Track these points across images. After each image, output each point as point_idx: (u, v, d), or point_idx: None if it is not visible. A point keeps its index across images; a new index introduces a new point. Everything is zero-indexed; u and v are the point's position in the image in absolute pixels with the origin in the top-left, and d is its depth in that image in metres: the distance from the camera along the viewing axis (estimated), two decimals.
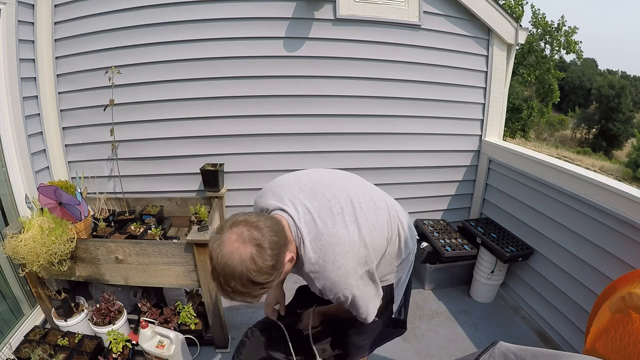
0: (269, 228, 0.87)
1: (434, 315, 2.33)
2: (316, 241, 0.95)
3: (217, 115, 2.30)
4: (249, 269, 0.82)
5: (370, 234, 1.03)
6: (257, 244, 0.83)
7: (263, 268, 0.83)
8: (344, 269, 0.95)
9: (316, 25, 2.22)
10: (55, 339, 1.78)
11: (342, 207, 1.02)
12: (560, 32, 18.33)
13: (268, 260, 0.84)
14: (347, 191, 1.07)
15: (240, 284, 0.83)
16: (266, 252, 0.84)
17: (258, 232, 0.85)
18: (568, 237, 1.97)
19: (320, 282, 0.97)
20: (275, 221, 0.92)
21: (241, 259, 0.82)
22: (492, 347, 0.70)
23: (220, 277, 0.84)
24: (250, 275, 0.82)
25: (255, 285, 0.85)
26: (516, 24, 2.44)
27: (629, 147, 25.68)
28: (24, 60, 1.97)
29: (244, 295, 0.86)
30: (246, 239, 0.83)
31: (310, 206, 0.99)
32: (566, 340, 2.00)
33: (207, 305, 1.86)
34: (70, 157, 2.37)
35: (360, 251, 0.99)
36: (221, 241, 0.84)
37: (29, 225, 1.65)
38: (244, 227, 0.85)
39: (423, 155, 2.61)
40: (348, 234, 0.97)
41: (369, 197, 1.12)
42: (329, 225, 0.96)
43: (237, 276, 0.82)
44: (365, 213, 1.04)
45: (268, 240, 0.85)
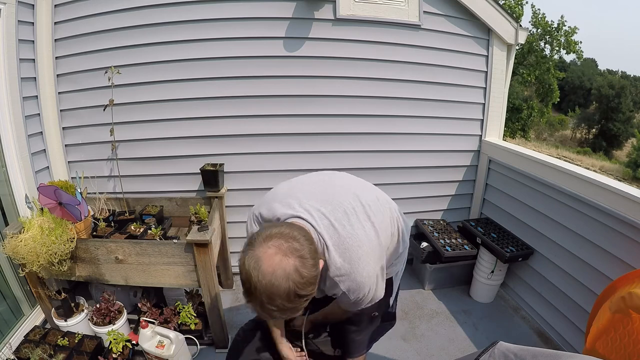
0: (304, 237, 0.85)
1: (434, 315, 2.33)
2: (339, 245, 0.95)
3: (217, 115, 2.30)
4: (296, 283, 0.78)
5: (382, 231, 1.06)
6: (299, 255, 0.80)
7: (309, 279, 0.80)
8: (368, 268, 0.97)
9: (316, 25, 2.22)
10: (55, 339, 1.78)
11: (354, 207, 1.03)
12: (560, 32, 18.32)
13: (312, 270, 0.81)
14: (353, 191, 1.09)
15: (287, 300, 0.78)
16: (309, 262, 0.80)
17: (297, 243, 0.81)
18: (568, 237, 1.97)
19: (346, 285, 0.97)
20: (304, 230, 0.90)
21: (285, 274, 0.77)
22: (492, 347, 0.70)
23: (263, 296, 0.78)
24: (297, 289, 0.78)
25: (301, 298, 0.81)
26: (516, 24, 2.44)
27: (629, 147, 25.67)
28: (24, 60, 1.97)
29: (288, 312, 0.82)
30: (286, 251, 0.79)
31: (325, 210, 0.99)
32: (566, 340, 2.00)
33: (207, 305, 1.86)
34: (70, 157, 2.37)
35: (377, 249, 1.02)
36: (258, 258, 0.78)
37: (29, 225, 1.65)
38: (280, 239, 0.81)
39: (423, 155, 2.61)
40: (366, 234, 1.00)
41: (374, 196, 1.14)
42: (348, 228, 0.97)
43: (283, 293, 0.77)
44: (374, 211, 1.07)
45: (307, 249, 0.82)
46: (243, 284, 0.81)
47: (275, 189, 1.12)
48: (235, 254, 2.56)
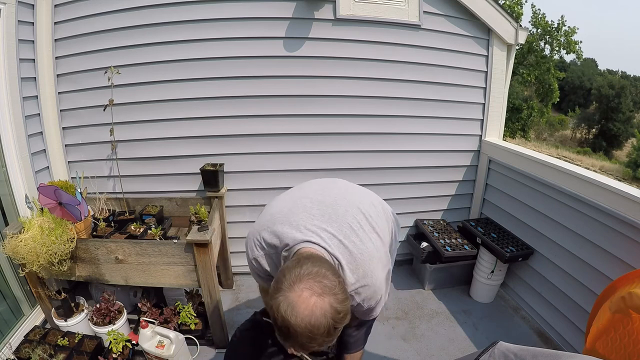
0: (332, 272, 0.85)
1: (434, 315, 2.33)
2: (352, 263, 0.99)
3: (217, 115, 2.30)
4: (334, 319, 0.79)
5: (384, 236, 1.11)
6: (333, 292, 0.81)
7: (345, 312, 0.82)
8: (380, 278, 1.03)
9: (316, 25, 2.22)
10: (55, 339, 1.78)
11: (359, 220, 1.06)
12: (560, 32, 18.32)
13: (346, 303, 0.83)
14: (352, 202, 1.11)
15: (327, 335, 0.80)
16: (341, 296, 0.82)
17: (327, 280, 0.82)
18: (568, 237, 1.97)
19: (361, 297, 1.02)
20: (327, 262, 0.91)
21: (323, 313, 0.78)
22: (492, 347, 0.70)
23: (304, 339, 0.79)
24: (335, 324, 0.80)
25: (338, 329, 0.83)
26: (516, 24, 2.44)
27: (629, 147, 25.67)
28: (24, 60, 1.97)
29: (327, 343, 0.83)
30: (320, 292, 0.80)
31: (332, 229, 1.01)
32: (566, 340, 2.00)
33: (207, 305, 1.86)
34: (70, 157, 2.37)
35: (384, 257, 1.07)
36: (293, 303, 0.78)
37: (29, 225, 1.65)
38: (310, 280, 0.81)
39: (423, 155, 2.61)
40: (374, 246, 1.05)
41: (369, 202, 1.17)
42: (358, 244, 1.01)
43: (324, 331, 0.79)
44: (376, 220, 1.11)
45: (337, 282, 0.83)
46: (279, 329, 0.82)
47: (272, 209, 1.11)
48: (235, 254, 2.56)
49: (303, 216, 1.03)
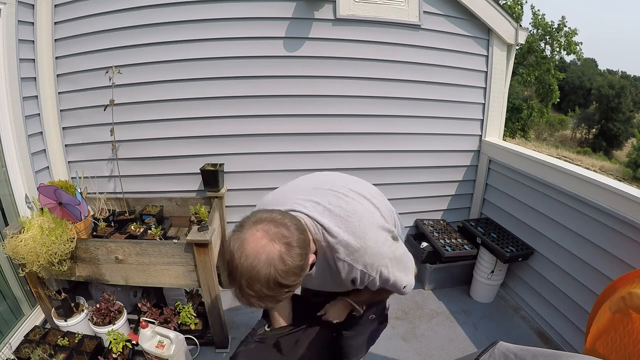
0: (296, 226, 0.81)
1: (434, 315, 2.33)
2: (341, 224, 0.92)
3: (217, 115, 2.30)
4: (278, 270, 0.74)
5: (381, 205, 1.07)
6: (286, 242, 0.76)
7: (292, 268, 0.76)
8: (374, 239, 0.94)
9: (316, 25, 2.22)
10: (55, 339, 1.78)
11: (345, 192, 1.03)
12: (561, 33, 18.33)
13: (297, 260, 0.77)
14: (343, 183, 1.10)
15: (266, 286, 0.75)
16: (295, 251, 0.77)
17: (286, 230, 0.78)
18: (568, 237, 1.97)
19: (361, 262, 0.93)
20: (297, 219, 0.86)
21: (268, 258, 0.74)
22: (492, 347, 0.70)
23: (243, 279, 0.75)
24: (278, 277, 0.75)
25: (282, 288, 0.77)
26: (516, 24, 2.44)
27: (629, 147, 25.68)
28: (24, 60, 1.97)
29: (266, 300, 0.78)
30: (273, 236, 0.76)
31: (316, 199, 0.98)
32: (566, 340, 2.00)
33: (207, 305, 1.86)
34: (70, 157, 2.37)
35: (380, 219, 1.01)
36: (243, 240, 0.76)
37: (29, 225, 1.65)
38: (269, 224, 0.78)
39: (423, 155, 2.61)
40: (363, 207, 1.00)
41: (364, 185, 1.16)
42: (344, 206, 0.96)
43: (263, 278, 0.74)
44: (366, 191, 1.09)
45: (296, 238, 0.78)
46: (227, 266, 0.78)
47: (270, 196, 1.11)
48: None
49: (290, 195, 1.03)
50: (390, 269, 0.97)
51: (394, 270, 0.98)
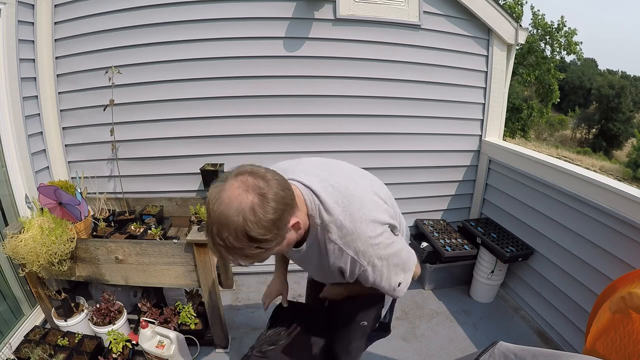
0: (277, 181, 0.79)
1: (434, 315, 2.33)
2: (340, 202, 0.89)
3: (217, 115, 2.30)
4: (247, 220, 0.73)
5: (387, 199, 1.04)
6: (261, 193, 0.74)
7: (262, 221, 0.74)
8: (372, 227, 0.90)
9: (316, 25, 2.22)
10: (55, 339, 1.78)
11: (355, 178, 1.02)
12: (561, 33, 18.34)
13: (270, 213, 0.74)
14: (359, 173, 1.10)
15: (234, 236, 0.74)
16: (269, 204, 0.74)
17: (264, 182, 0.76)
18: (568, 237, 1.97)
19: (352, 247, 0.89)
20: (284, 179, 0.83)
21: (240, 207, 0.73)
22: (492, 347, 0.70)
23: (214, 227, 0.75)
24: (246, 227, 0.73)
25: (251, 242, 0.75)
26: (516, 24, 2.44)
27: (629, 147, 25.68)
28: (24, 60, 1.97)
29: (236, 253, 0.77)
30: (249, 186, 0.75)
31: (323, 174, 0.95)
32: (566, 340, 2.00)
33: (207, 305, 1.86)
34: (70, 157, 2.37)
35: (382, 205, 0.97)
36: (221, 188, 0.75)
37: (29, 225, 1.65)
38: (249, 175, 0.77)
39: (423, 155, 2.61)
40: (369, 197, 0.96)
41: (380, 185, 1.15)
42: (349, 187, 0.93)
43: (232, 226, 0.73)
44: (377, 186, 1.07)
45: (273, 191, 0.76)
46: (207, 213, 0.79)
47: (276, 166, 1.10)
48: None
49: (295, 166, 1.02)
50: (384, 262, 0.92)
51: (389, 264, 0.94)
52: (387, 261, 0.93)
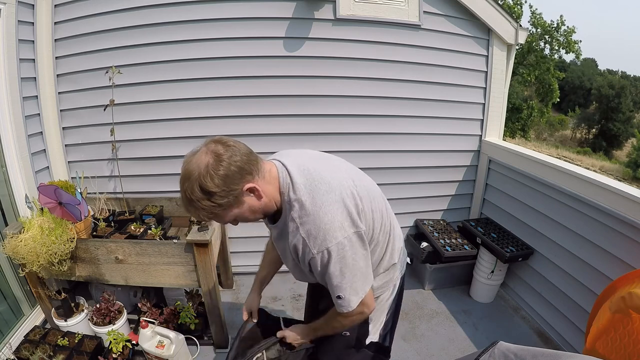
0: (237, 149, 0.91)
1: (434, 315, 2.33)
2: (307, 185, 0.95)
3: (217, 115, 2.30)
4: (200, 174, 0.86)
5: (366, 197, 1.01)
6: (217, 154, 0.88)
7: (213, 176, 0.86)
8: (331, 216, 0.91)
9: (316, 25, 2.22)
10: (55, 339, 1.78)
11: (341, 167, 1.05)
12: (560, 32, 18.34)
13: (219, 170, 0.87)
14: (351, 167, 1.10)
15: (191, 188, 0.87)
16: (220, 164, 0.87)
17: (224, 148, 0.89)
18: (568, 237, 1.97)
19: (305, 228, 0.93)
20: (248, 151, 0.95)
21: (198, 164, 0.87)
22: (492, 347, 0.70)
23: (180, 180, 0.91)
24: (200, 180, 0.86)
25: (203, 194, 0.87)
26: (516, 24, 2.44)
27: (629, 147, 25.68)
28: (24, 60, 1.97)
29: (193, 205, 0.89)
30: (210, 150, 0.89)
31: (309, 163, 1.01)
32: (566, 340, 2.00)
33: (207, 305, 1.86)
34: (70, 157, 2.37)
35: (351, 208, 0.95)
36: (194, 152, 0.91)
37: (29, 225, 1.65)
38: (215, 143, 0.91)
39: (423, 155, 2.61)
40: (341, 185, 0.97)
41: (370, 181, 1.14)
42: (325, 173, 0.97)
43: (191, 178, 0.87)
44: (366, 184, 1.06)
45: (228, 155, 0.89)
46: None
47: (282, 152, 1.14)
48: (235, 254, 2.56)
49: (289, 150, 1.10)
50: (333, 255, 0.92)
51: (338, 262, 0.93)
52: (337, 262, 0.93)
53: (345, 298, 0.97)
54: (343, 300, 0.98)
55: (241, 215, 0.97)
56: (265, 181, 0.96)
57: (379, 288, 1.19)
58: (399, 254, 1.21)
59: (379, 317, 1.25)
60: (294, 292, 2.48)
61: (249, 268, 2.63)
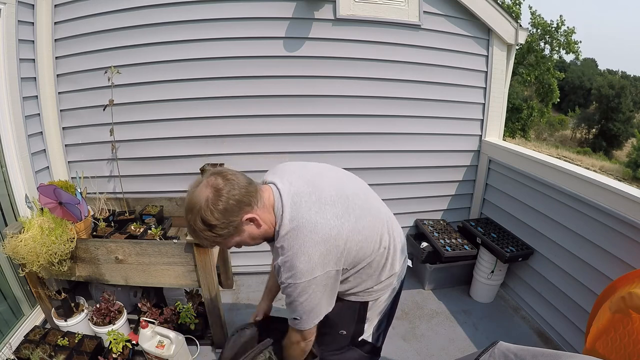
0: (236, 182, 0.96)
1: (434, 315, 2.33)
2: (294, 221, 0.97)
3: (217, 115, 2.30)
4: (201, 207, 0.93)
5: (353, 236, 1.01)
6: (217, 189, 0.93)
7: (213, 210, 0.92)
8: (307, 256, 0.95)
9: (316, 25, 2.22)
10: (55, 339, 1.78)
11: (334, 200, 1.02)
12: (560, 32, 18.35)
13: (219, 205, 0.92)
14: (345, 189, 1.07)
15: (194, 220, 0.95)
16: (220, 199, 0.92)
17: (224, 182, 0.95)
18: (568, 237, 1.97)
19: (283, 259, 0.98)
20: (247, 182, 0.99)
21: (199, 198, 0.94)
22: (492, 347, 0.70)
23: (185, 211, 0.98)
24: (201, 213, 0.93)
25: (205, 226, 0.94)
26: (516, 24, 2.44)
27: (629, 147, 25.68)
28: (24, 60, 1.97)
29: (196, 234, 0.98)
30: (210, 184, 0.95)
31: (303, 190, 1.02)
32: (566, 340, 2.00)
33: (207, 305, 1.86)
34: (70, 157, 2.37)
35: (332, 249, 0.97)
36: (197, 183, 0.98)
37: (29, 225, 1.65)
38: (215, 176, 0.97)
39: (423, 155, 2.61)
40: (327, 226, 0.97)
41: (367, 202, 1.11)
42: (312, 212, 0.98)
43: (193, 211, 0.94)
44: (357, 214, 1.03)
45: (227, 190, 0.94)
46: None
47: (289, 166, 1.18)
48: (235, 254, 2.56)
49: (292, 174, 1.11)
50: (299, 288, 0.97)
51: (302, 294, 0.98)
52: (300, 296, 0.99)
53: (301, 320, 1.05)
54: (297, 322, 1.05)
55: (242, 242, 1.04)
56: (265, 210, 1.01)
57: (379, 290, 1.20)
58: (400, 263, 1.22)
59: (374, 317, 1.26)
60: None
61: (249, 268, 2.63)
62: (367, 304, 1.21)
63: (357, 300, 1.19)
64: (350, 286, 1.14)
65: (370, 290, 1.17)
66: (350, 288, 1.15)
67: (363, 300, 1.19)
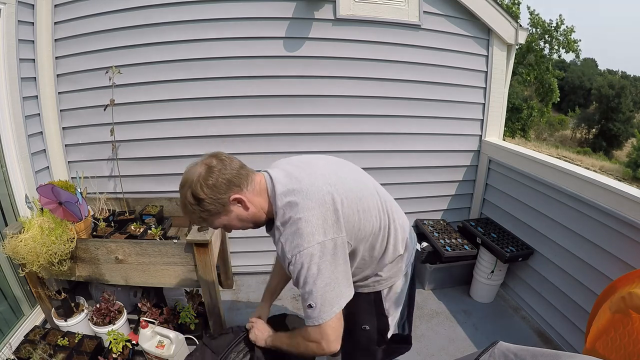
0: (229, 165, 1.02)
1: (434, 315, 2.33)
2: (287, 194, 1.00)
3: (217, 115, 2.30)
4: (193, 182, 0.98)
5: (349, 203, 1.00)
6: (209, 167, 0.99)
7: (203, 185, 0.97)
8: (305, 222, 0.93)
9: (316, 25, 2.22)
10: (55, 339, 1.78)
11: (327, 173, 1.04)
12: (559, 32, 18.36)
13: (209, 180, 0.97)
14: (338, 171, 1.09)
15: (185, 193, 1.00)
16: (210, 175, 0.98)
17: (217, 162, 1.01)
18: (568, 237, 1.97)
19: (285, 235, 0.98)
20: (240, 166, 1.05)
21: (193, 173, 1.00)
22: (492, 347, 0.70)
23: (180, 185, 1.03)
24: (192, 187, 0.98)
25: (194, 199, 0.98)
26: (516, 24, 2.44)
27: (629, 147, 25.66)
28: (24, 60, 1.97)
29: (187, 208, 1.02)
30: (205, 162, 1.01)
31: (293, 171, 1.06)
32: (566, 340, 2.00)
33: (207, 305, 1.86)
34: (70, 157, 2.37)
35: (329, 214, 0.96)
36: (194, 163, 1.04)
37: (29, 225, 1.65)
38: (213, 157, 1.03)
39: (423, 155, 2.61)
40: (320, 192, 0.97)
41: (361, 181, 1.15)
42: (304, 183, 1.00)
43: (186, 185, 1.00)
44: (350, 186, 1.05)
45: (218, 169, 0.99)
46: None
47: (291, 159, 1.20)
48: (235, 254, 2.56)
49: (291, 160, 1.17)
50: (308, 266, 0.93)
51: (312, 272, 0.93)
52: (309, 268, 0.93)
53: (316, 307, 0.94)
54: (313, 310, 0.95)
55: (230, 223, 1.06)
56: (255, 193, 1.04)
57: (389, 278, 1.20)
58: (403, 244, 1.21)
59: (396, 310, 1.26)
60: (294, 292, 2.48)
61: (249, 268, 2.63)
62: (381, 293, 1.20)
63: (369, 291, 1.19)
64: (356, 273, 1.13)
65: (379, 279, 1.18)
66: (356, 275, 1.14)
67: (375, 291, 1.20)
